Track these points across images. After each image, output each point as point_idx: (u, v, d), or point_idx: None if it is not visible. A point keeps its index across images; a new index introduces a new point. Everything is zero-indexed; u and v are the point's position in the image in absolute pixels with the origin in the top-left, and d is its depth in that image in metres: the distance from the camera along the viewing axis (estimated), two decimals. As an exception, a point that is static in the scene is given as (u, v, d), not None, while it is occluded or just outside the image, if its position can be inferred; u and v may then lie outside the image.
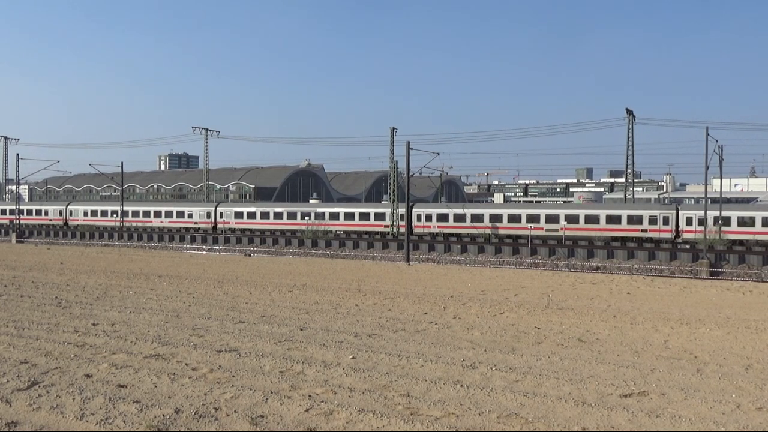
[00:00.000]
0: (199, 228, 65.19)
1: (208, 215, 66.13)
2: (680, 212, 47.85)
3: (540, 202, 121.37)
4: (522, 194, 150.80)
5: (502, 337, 13.58)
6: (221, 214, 65.15)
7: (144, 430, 7.47)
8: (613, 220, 48.93)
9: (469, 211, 53.30)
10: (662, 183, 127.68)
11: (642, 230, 47.93)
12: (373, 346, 12.17)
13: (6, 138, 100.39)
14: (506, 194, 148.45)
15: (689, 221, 46.29)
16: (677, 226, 47.35)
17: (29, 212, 76.63)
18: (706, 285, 27.25)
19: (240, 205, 69.85)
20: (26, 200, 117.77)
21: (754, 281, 33.37)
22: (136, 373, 9.95)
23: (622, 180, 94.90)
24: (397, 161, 62.30)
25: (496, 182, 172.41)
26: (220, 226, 64.74)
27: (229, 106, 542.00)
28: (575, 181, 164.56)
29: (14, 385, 9.25)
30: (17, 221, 72.24)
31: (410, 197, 45.94)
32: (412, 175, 46.90)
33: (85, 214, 73.94)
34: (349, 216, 58.77)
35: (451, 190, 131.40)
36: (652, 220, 48.11)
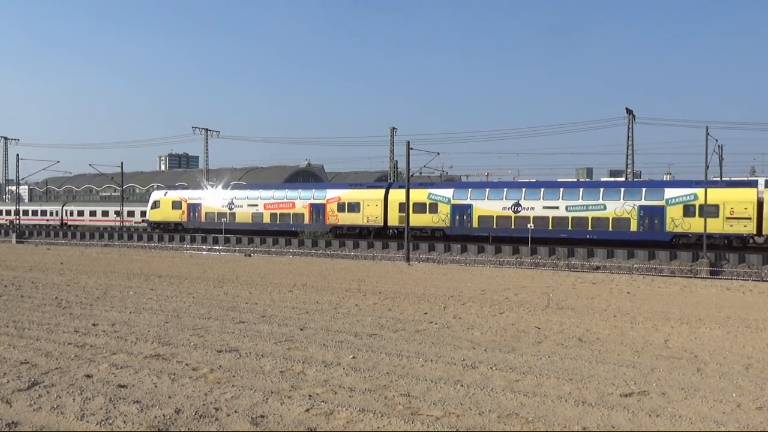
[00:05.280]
0: (50, 224, 76.29)
1: (57, 213, 77.62)
2: (124, 208, 70.41)
3: None
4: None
5: (502, 336, 13.58)
6: (66, 212, 76.98)
7: (144, 430, 7.47)
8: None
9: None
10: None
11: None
12: (373, 346, 12.18)
13: (6, 138, 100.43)
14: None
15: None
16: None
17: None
18: (706, 284, 27.23)
19: (75, 205, 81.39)
20: (26, 201, 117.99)
21: (754, 281, 33.34)
22: (137, 373, 9.96)
23: (623, 179, 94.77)
24: (397, 161, 62.51)
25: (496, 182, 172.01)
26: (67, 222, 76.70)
27: (229, 106, 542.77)
28: (575, 180, 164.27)
29: (15, 385, 9.25)
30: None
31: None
32: (412, 175, 46.85)
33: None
34: (105, 213, 73.88)
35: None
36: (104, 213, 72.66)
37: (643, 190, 43.73)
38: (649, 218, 42.61)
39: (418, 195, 48.48)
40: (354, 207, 51.27)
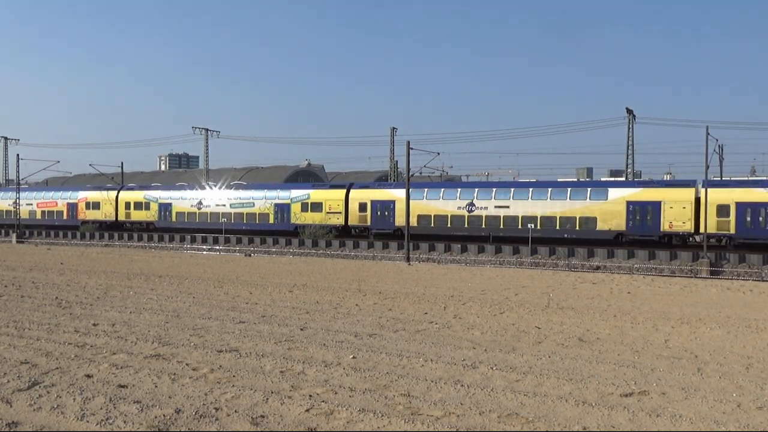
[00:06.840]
0: None
1: None
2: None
3: None
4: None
5: (503, 336, 13.58)
6: None
7: (144, 430, 7.47)
8: None
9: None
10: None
11: None
12: (373, 346, 12.18)
13: (6, 138, 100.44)
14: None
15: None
16: None
17: None
18: (707, 284, 27.22)
19: None
20: None
21: (755, 280, 33.32)
22: (137, 373, 9.96)
23: (623, 179, 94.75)
24: (397, 161, 62.54)
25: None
26: None
27: (229, 106, 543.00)
28: (576, 180, 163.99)
29: (15, 385, 9.25)
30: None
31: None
32: (413, 175, 46.92)
33: None
34: None
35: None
36: None
37: (278, 190, 55.26)
38: (281, 213, 54.11)
39: (138, 195, 62.08)
40: (96, 205, 64.64)
